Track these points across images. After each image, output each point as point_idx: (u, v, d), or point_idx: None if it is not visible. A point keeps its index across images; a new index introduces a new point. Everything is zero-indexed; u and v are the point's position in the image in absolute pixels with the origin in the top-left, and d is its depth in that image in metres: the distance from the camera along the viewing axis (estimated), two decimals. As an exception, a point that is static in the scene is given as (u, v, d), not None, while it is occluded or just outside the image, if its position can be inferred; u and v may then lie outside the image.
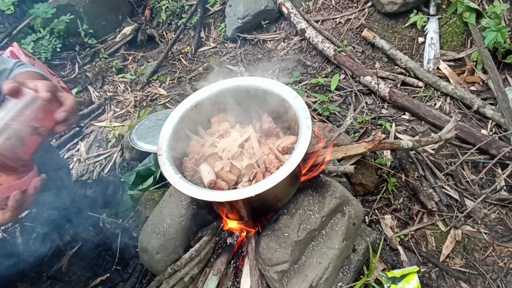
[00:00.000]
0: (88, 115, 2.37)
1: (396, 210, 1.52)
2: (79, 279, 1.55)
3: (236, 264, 1.25)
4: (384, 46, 2.18)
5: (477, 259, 1.35)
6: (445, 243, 1.39)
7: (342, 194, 1.11)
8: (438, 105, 1.91)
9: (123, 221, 1.70)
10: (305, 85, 2.17)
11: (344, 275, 1.21)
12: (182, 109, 1.13)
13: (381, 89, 1.97)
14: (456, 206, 1.49)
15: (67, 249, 1.65)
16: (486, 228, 1.42)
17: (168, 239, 1.19)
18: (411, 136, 1.80)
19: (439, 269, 1.34)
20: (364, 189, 1.54)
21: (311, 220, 1.05)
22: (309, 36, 2.35)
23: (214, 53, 2.64)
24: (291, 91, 1.07)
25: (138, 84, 2.52)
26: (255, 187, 0.85)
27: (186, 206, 1.23)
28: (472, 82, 1.99)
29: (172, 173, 0.95)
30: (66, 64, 2.84)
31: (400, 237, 1.43)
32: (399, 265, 1.35)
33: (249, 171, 1.04)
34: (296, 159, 0.88)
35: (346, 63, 2.16)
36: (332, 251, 1.08)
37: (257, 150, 1.05)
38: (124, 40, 2.89)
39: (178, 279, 1.21)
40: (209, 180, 1.01)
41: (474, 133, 1.67)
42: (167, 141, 1.03)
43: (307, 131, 0.93)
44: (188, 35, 2.82)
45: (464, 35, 2.09)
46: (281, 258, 1.02)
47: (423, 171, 1.61)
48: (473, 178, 1.56)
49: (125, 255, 1.57)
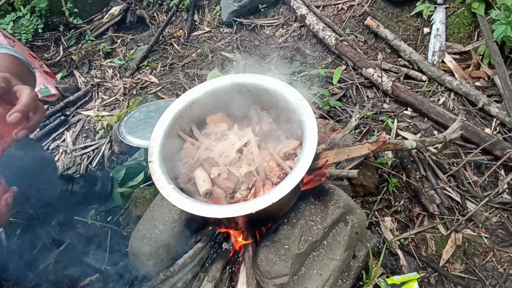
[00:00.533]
0: (74, 102, 2.24)
1: (397, 212, 1.48)
2: (67, 278, 1.48)
3: (231, 270, 1.20)
4: (388, 36, 2.08)
5: (477, 264, 1.33)
6: (445, 248, 1.36)
7: (346, 203, 1.05)
8: (441, 101, 1.84)
9: (113, 219, 1.62)
10: (304, 76, 2.07)
11: (343, 282, 1.17)
12: (176, 109, 1.04)
13: (383, 83, 1.88)
14: (458, 209, 1.45)
15: (54, 247, 1.58)
16: (487, 232, 1.39)
17: (160, 246, 1.13)
18: (413, 133, 1.74)
19: (439, 274, 1.31)
20: (365, 190, 1.49)
21: (313, 232, 1.00)
22: (310, 23, 2.23)
23: (209, 38, 2.49)
24: (295, 92, 0.98)
25: (127, 70, 2.37)
26: (256, 202, 0.78)
27: (180, 211, 1.16)
28: (477, 77, 1.91)
29: (164, 183, 0.87)
30: (49, 46, 2.65)
31: (400, 240, 1.40)
32: (398, 270, 1.33)
33: (248, 179, 0.97)
34: (301, 172, 0.81)
35: (348, 53, 2.06)
36: (334, 263, 1.03)
37: (256, 156, 0.97)
38: (112, 21, 2.70)
39: (171, 285, 1.16)
40: (205, 189, 0.94)
41: (479, 132, 1.62)
42: (159, 146, 0.94)
43: (313, 140, 0.85)
44: (181, 18, 2.65)
45: (471, 26, 1.99)
46: (280, 271, 0.97)
47: (425, 172, 1.56)
48: (476, 179, 1.52)
49: (115, 254, 1.51)
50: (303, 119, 0.92)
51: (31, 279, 1.47)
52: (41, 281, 1.47)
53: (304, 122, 0.91)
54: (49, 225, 1.64)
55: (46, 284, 1.46)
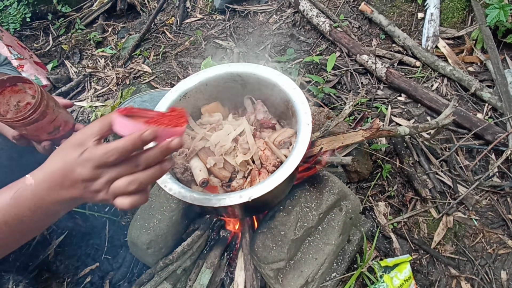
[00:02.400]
0: (66, 93, 2.21)
1: (390, 197, 1.52)
2: (67, 268, 1.51)
3: (229, 256, 1.23)
4: (382, 22, 2.07)
5: (467, 245, 1.37)
6: (437, 230, 1.40)
7: (340, 190, 1.08)
8: (435, 87, 1.86)
9: (110, 209, 1.64)
10: (298, 63, 2.06)
11: (338, 265, 1.20)
12: (170, 99, 1.03)
13: (377, 69, 1.89)
14: (449, 193, 1.49)
15: (53, 238, 1.59)
16: (477, 215, 1.43)
17: (159, 235, 1.15)
18: (406, 119, 1.76)
19: (430, 255, 1.36)
20: (359, 176, 1.52)
21: (308, 218, 1.02)
22: (303, 8, 2.20)
23: (201, 25, 2.45)
24: (289, 81, 0.98)
25: (119, 60, 2.34)
26: (253, 191, 0.80)
27: (177, 201, 1.18)
28: (470, 63, 1.93)
29: (161, 174, 0.87)
30: (38, 35, 2.60)
31: (393, 224, 1.43)
32: (391, 253, 1.37)
33: (244, 167, 0.98)
34: (296, 160, 0.82)
35: (342, 40, 2.05)
36: (329, 247, 1.06)
37: (252, 145, 0.98)
38: (102, 9, 2.64)
39: (171, 272, 1.19)
40: (202, 178, 0.95)
41: (470, 117, 1.64)
42: (154, 137, 0.94)
43: (307, 128, 0.86)
44: (173, 5, 2.60)
45: (465, 11, 1.99)
46: (277, 256, 0.99)
47: (418, 157, 1.59)
48: (467, 164, 1.56)
49: (115, 244, 1.53)
50: (297, 108, 0.92)
51: (31, 270, 1.49)
52: (41, 271, 1.49)
53: (298, 111, 0.92)
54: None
55: (46, 274, 1.48)
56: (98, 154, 0.53)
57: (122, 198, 0.56)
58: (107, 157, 0.53)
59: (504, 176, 1.51)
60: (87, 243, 1.55)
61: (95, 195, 0.56)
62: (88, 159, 0.54)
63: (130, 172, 0.55)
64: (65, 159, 0.55)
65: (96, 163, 0.53)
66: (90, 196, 0.56)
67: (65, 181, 0.55)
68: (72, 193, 0.56)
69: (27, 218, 0.57)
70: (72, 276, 1.47)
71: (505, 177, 1.51)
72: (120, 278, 1.42)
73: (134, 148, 0.54)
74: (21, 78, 0.89)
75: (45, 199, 0.56)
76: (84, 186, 0.55)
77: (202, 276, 1.18)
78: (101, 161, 0.53)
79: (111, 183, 0.55)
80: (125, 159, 0.55)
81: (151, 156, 0.56)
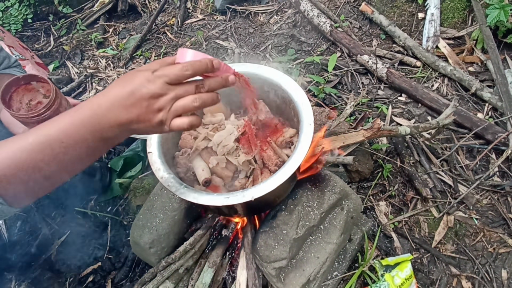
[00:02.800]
0: (68, 94, 2.21)
1: (391, 197, 1.52)
2: (69, 268, 1.51)
3: (231, 255, 1.24)
4: (383, 22, 2.07)
5: (467, 244, 1.38)
6: (438, 229, 1.41)
7: (341, 189, 1.08)
8: (435, 87, 1.86)
9: (112, 209, 1.64)
10: (299, 64, 2.07)
11: (339, 264, 1.21)
12: (172, 99, 1.04)
13: (378, 69, 1.89)
14: (450, 192, 1.50)
15: (55, 238, 1.60)
16: (477, 214, 1.44)
17: (161, 234, 1.15)
18: (407, 119, 1.77)
19: (431, 254, 1.36)
20: (360, 176, 1.52)
21: (310, 217, 1.03)
22: (304, 9, 2.21)
23: (202, 26, 2.46)
24: (290, 81, 0.99)
25: (120, 60, 2.35)
26: (255, 190, 0.80)
27: (179, 200, 1.18)
28: (471, 62, 1.93)
29: (164, 173, 0.88)
30: (39, 36, 2.61)
31: (394, 224, 1.44)
32: (392, 252, 1.37)
33: (246, 167, 0.99)
34: (298, 159, 0.83)
35: (343, 40, 2.05)
36: (330, 246, 1.07)
37: (254, 145, 0.99)
38: (103, 10, 2.65)
39: (173, 271, 1.19)
40: (204, 178, 0.95)
41: (471, 117, 1.65)
42: (157, 137, 0.95)
43: (309, 128, 0.87)
44: (173, 5, 2.61)
45: (466, 11, 2.00)
46: (279, 255, 1.00)
47: (419, 157, 1.60)
48: (468, 163, 1.56)
49: (117, 243, 1.54)
50: (299, 108, 0.93)
51: (33, 269, 1.50)
52: (44, 271, 1.50)
53: (300, 111, 0.92)
54: (49, 217, 1.66)
55: (49, 274, 1.49)
56: (174, 70, 0.58)
57: (182, 118, 0.60)
58: (183, 71, 0.58)
59: (504, 175, 1.52)
60: (89, 242, 1.56)
61: (155, 115, 0.58)
62: (161, 75, 0.57)
63: (195, 92, 0.60)
64: (132, 80, 0.57)
65: (170, 78, 0.57)
66: (149, 118, 0.58)
67: (128, 100, 0.56)
68: (131, 113, 0.57)
69: (81, 139, 0.56)
70: (74, 276, 1.48)
71: (505, 177, 1.51)
72: (122, 277, 1.43)
73: (205, 69, 0.60)
74: (36, 76, 0.92)
75: (102, 120, 0.56)
76: (147, 104, 0.57)
77: (204, 275, 1.18)
78: (175, 76, 0.57)
79: (176, 100, 0.59)
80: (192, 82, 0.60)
81: (213, 82, 0.63)
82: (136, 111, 0.57)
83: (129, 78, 0.58)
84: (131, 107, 0.57)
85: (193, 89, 0.60)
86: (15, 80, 0.89)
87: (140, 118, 0.58)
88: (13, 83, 0.90)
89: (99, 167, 1.69)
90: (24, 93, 0.92)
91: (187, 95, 0.59)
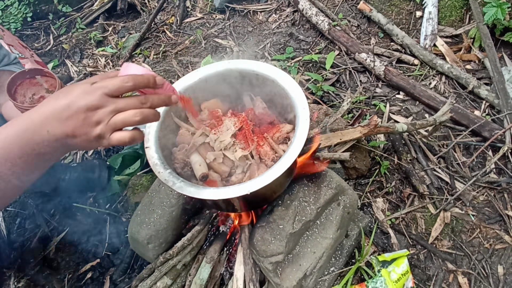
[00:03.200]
0: (67, 92, 2.22)
1: (388, 193, 1.53)
2: (68, 265, 1.52)
3: (229, 251, 1.25)
4: (381, 20, 2.08)
5: (464, 240, 1.39)
6: (434, 226, 1.42)
7: (338, 184, 1.09)
8: (433, 85, 1.87)
9: (111, 206, 1.65)
10: (298, 62, 2.08)
11: (336, 260, 1.22)
12: (170, 96, 1.05)
13: (376, 67, 1.90)
14: (447, 189, 1.50)
15: (54, 235, 1.61)
16: (474, 210, 1.45)
17: (159, 230, 1.16)
18: (405, 117, 1.78)
19: (427, 250, 1.37)
20: (357, 173, 1.53)
21: (307, 212, 1.03)
22: (303, 7, 2.22)
23: (201, 24, 2.47)
24: (287, 77, 1.00)
25: (120, 59, 2.35)
26: (251, 184, 0.81)
27: (177, 196, 1.19)
28: (468, 61, 1.94)
29: (161, 168, 0.89)
30: (39, 34, 2.61)
31: (391, 220, 1.45)
32: (389, 248, 1.38)
33: (243, 162, 0.99)
34: (294, 154, 0.84)
35: (341, 38, 2.06)
36: (327, 241, 1.08)
37: (251, 141, 0.99)
38: (102, 9, 2.66)
39: (171, 267, 1.20)
40: (202, 173, 0.96)
41: (468, 114, 1.66)
42: (155, 133, 0.96)
43: (305, 123, 0.88)
44: (173, 4, 2.62)
45: (463, 9, 2.00)
46: (275, 250, 1.01)
47: (416, 154, 1.60)
48: (465, 160, 1.57)
49: (115, 240, 1.55)
50: (296, 103, 0.94)
51: (32, 266, 1.51)
52: (42, 268, 1.50)
53: (296, 106, 0.93)
54: (48, 214, 1.67)
55: (48, 271, 1.50)
56: (114, 81, 0.56)
57: (123, 132, 0.57)
58: (123, 83, 0.56)
59: (501, 172, 1.53)
60: (88, 239, 1.57)
61: (92, 128, 0.55)
62: (100, 87, 0.55)
63: (136, 106, 0.58)
64: (69, 93, 0.55)
65: (109, 89, 0.55)
66: (86, 131, 0.55)
67: (64, 113, 0.54)
68: (66, 127, 0.54)
69: (15, 158, 0.54)
70: (73, 272, 1.49)
71: (502, 173, 1.52)
72: (121, 274, 1.43)
73: (147, 84, 0.59)
74: (42, 70, 0.94)
75: (35, 135, 0.54)
76: (84, 116, 0.54)
77: (202, 271, 1.19)
78: (115, 87, 0.55)
79: (115, 113, 0.56)
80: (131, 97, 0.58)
81: (156, 98, 0.62)
82: (72, 124, 0.55)
83: (66, 91, 0.56)
84: (66, 120, 0.54)
85: (135, 103, 0.58)
86: (21, 73, 0.92)
87: (76, 131, 0.55)
88: (19, 76, 0.92)
89: (98, 164, 1.70)
90: (28, 86, 0.94)
91: (128, 109, 0.57)
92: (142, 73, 0.59)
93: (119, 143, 0.58)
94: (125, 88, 0.56)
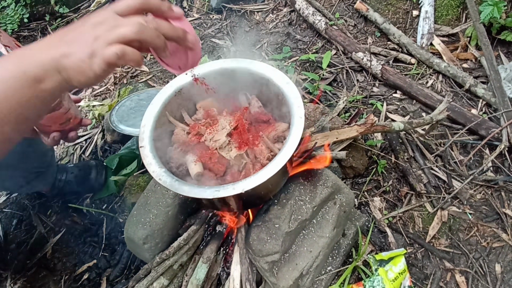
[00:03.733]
0: (64, 93, 2.22)
1: (385, 192, 1.53)
2: (64, 266, 1.52)
3: (226, 251, 1.24)
4: (378, 20, 2.08)
5: (461, 239, 1.38)
6: (432, 224, 1.41)
7: (334, 183, 1.09)
8: (430, 83, 1.87)
9: (108, 207, 1.65)
10: (295, 61, 2.07)
11: (333, 259, 1.21)
12: (165, 95, 1.05)
13: (373, 67, 1.90)
14: (444, 187, 1.50)
15: (50, 236, 1.60)
16: (471, 209, 1.45)
17: (155, 230, 1.15)
18: (402, 116, 1.78)
19: (425, 249, 1.37)
20: (354, 172, 1.53)
21: (303, 211, 1.03)
22: (299, 7, 2.22)
23: (198, 25, 2.47)
24: (282, 76, 1.00)
25: (117, 59, 2.35)
26: (246, 183, 0.81)
27: (173, 196, 1.19)
28: (465, 59, 1.94)
29: (156, 167, 0.89)
30: (36, 36, 2.61)
31: (389, 219, 1.44)
32: (386, 247, 1.38)
33: (238, 161, 0.99)
34: (288, 152, 0.83)
35: (338, 38, 2.06)
36: (323, 240, 1.07)
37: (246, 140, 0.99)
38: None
39: (167, 267, 1.20)
40: (197, 172, 0.96)
41: (465, 113, 1.65)
42: (150, 132, 0.95)
43: (300, 121, 0.87)
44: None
45: (460, 8, 2.01)
46: (271, 249, 1.00)
47: (413, 152, 1.60)
48: (462, 159, 1.57)
49: (112, 241, 1.54)
50: (291, 101, 0.94)
51: (29, 267, 1.50)
52: (39, 269, 1.50)
53: (291, 104, 0.93)
54: (44, 215, 1.66)
55: (44, 272, 1.49)
56: (122, 2, 0.54)
57: (112, 46, 0.51)
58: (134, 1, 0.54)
59: (498, 170, 1.52)
60: (84, 240, 1.56)
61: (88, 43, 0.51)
62: (112, 6, 0.54)
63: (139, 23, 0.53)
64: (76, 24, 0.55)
65: (118, 7, 0.54)
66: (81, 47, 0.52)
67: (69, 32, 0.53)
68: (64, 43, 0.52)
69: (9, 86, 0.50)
70: (69, 273, 1.48)
71: (499, 171, 1.52)
72: (118, 274, 1.43)
73: (159, 7, 0.56)
74: None
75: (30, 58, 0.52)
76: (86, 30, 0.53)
77: (198, 271, 1.19)
78: (124, 5, 0.54)
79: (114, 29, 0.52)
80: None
81: (167, 25, 0.57)
82: (71, 37, 0.53)
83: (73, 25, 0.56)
84: (68, 37, 0.53)
85: (138, 20, 0.53)
86: None
87: (71, 48, 0.52)
88: None
89: (95, 165, 1.69)
90: None
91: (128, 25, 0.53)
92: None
93: (109, 60, 0.51)
94: (134, 5, 0.54)
